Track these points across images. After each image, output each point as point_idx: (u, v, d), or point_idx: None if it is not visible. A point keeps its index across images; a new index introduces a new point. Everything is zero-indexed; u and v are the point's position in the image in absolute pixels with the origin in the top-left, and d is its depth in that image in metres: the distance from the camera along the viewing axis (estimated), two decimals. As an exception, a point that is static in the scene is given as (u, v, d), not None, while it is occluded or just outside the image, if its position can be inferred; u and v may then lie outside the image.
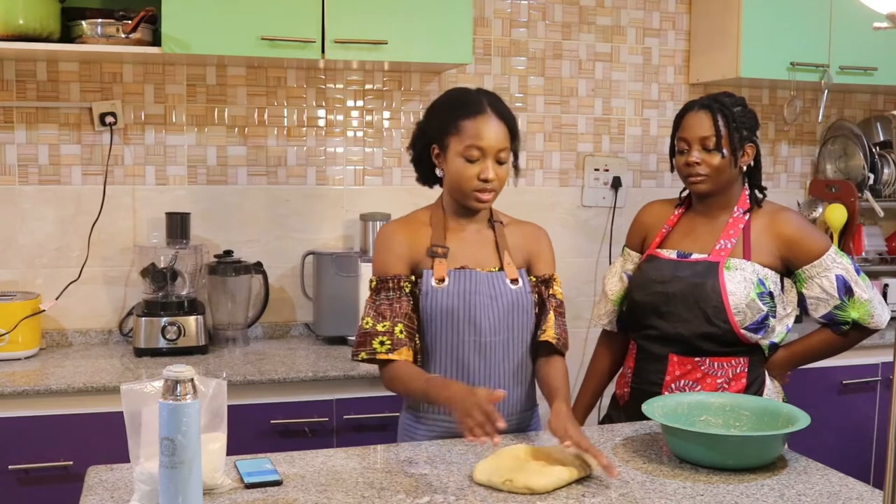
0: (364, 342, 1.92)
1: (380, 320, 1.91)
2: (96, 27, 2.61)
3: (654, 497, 1.59)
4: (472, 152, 1.89)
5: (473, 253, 1.98)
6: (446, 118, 1.94)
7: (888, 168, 3.50)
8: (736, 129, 2.14)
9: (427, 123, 2.00)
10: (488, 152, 1.89)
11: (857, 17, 2.52)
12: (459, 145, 1.90)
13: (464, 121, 1.90)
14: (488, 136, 1.89)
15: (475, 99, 1.94)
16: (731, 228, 2.17)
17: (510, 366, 1.97)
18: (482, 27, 3.23)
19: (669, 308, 2.15)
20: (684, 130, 2.19)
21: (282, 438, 2.52)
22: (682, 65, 3.48)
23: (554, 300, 2.01)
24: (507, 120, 1.93)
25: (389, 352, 1.89)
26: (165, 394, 1.39)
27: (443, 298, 1.92)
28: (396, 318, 1.91)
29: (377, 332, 1.90)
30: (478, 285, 1.94)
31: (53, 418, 2.39)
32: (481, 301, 1.93)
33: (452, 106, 1.95)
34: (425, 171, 2.03)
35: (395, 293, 1.93)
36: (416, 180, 2.06)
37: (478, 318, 1.92)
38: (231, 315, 2.89)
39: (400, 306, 1.92)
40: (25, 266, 2.87)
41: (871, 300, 2.15)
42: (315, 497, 1.57)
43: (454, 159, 1.91)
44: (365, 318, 1.93)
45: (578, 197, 3.40)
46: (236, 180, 3.03)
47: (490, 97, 1.96)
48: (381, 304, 1.93)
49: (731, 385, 2.13)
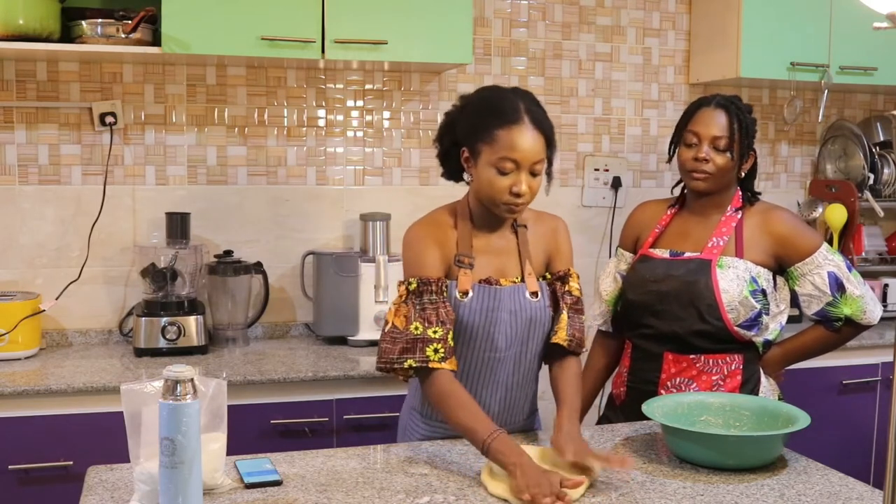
0: (413, 349, 1.78)
1: (429, 325, 1.79)
2: (96, 27, 2.61)
3: (654, 497, 1.59)
4: (505, 164, 1.77)
5: (497, 262, 1.91)
6: (479, 124, 1.81)
7: (888, 168, 3.50)
8: (745, 136, 2.15)
9: (458, 122, 1.88)
10: (523, 165, 1.78)
11: (857, 17, 2.51)
12: (492, 155, 1.78)
13: (498, 130, 1.78)
14: (523, 148, 1.77)
15: (512, 105, 1.80)
16: (724, 226, 2.17)
17: (518, 377, 1.94)
18: (482, 27, 3.23)
19: (663, 307, 2.15)
20: (697, 125, 2.16)
21: (282, 438, 2.52)
22: (682, 65, 3.48)
23: (569, 297, 1.95)
24: (543, 129, 1.80)
25: (443, 360, 1.78)
26: (165, 394, 1.39)
27: (464, 313, 1.86)
28: (447, 325, 1.80)
29: (430, 339, 1.78)
30: (501, 301, 1.87)
31: (53, 418, 2.39)
32: (501, 318, 1.87)
33: (487, 110, 1.82)
34: (451, 168, 1.94)
35: (438, 297, 1.83)
36: (441, 175, 1.97)
37: (496, 334, 1.87)
38: (231, 315, 2.89)
39: (447, 312, 1.82)
40: (25, 266, 2.87)
41: (863, 296, 2.15)
42: (315, 497, 1.57)
43: (485, 168, 1.80)
44: (413, 321, 1.80)
45: (578, 197, 3.40)
46: (236, 180, 3.03)
47: (527, 101, 1.82)
48: (426, 307, 1.81)
49: (727, 382, 2.13)
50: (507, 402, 1.94)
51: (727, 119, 2.14)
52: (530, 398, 2.01)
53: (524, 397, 1.98)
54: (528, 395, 1.99)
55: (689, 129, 2.18)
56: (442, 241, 1.89)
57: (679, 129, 2.22)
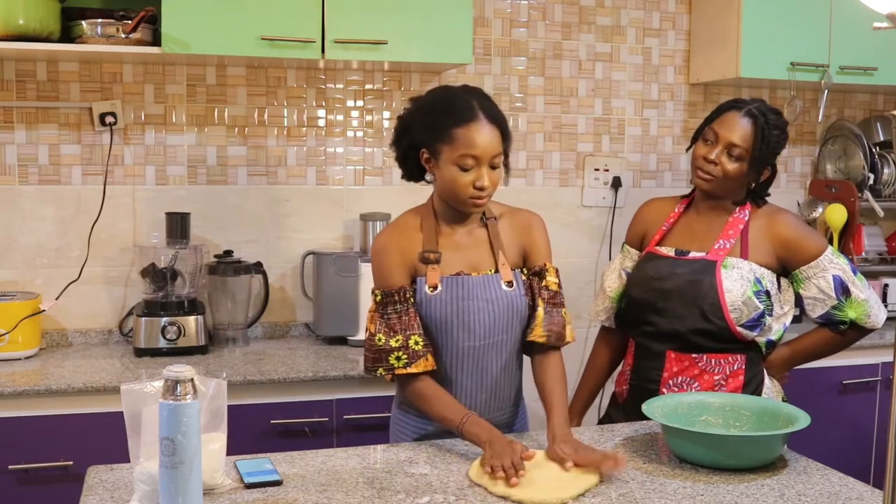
0: (379, 359, 1.90)
1: (392, 335, 1.89)
2: (96, 27, 2.61)
3: (654, 497, 1.59)
4: (466, 161, 1.84)
5: (467, 256, 1.96)
6: (436, 125, 1.87)
7: (888, 168, 3.50)
8: (765, 151, 2.11)
9: (413, 126, 1.93)
10: (483, 160, 1.84)
11: (857, 17, 2.51)
12: (452, 153, 1.84)
13: (456, 129, 1.84)
14: (482, 144, 1.83)
15: (465, 103, 1.86)
16: (731, 228, 2.17)
17: (501, 366, 1.97)
18: (482, 27, 3.23)
19: (666, 305, 2.15)
20: (720, 125, 2.14)
21: (282, 438, 2.52)
22: (682, 65, 3.48)
23: (546, 292, 1.97)
24: (498, 122, 1.87)
25: (407, 366, 1.88)
26: (165, 394, 1.39)
27: (436, 306, 1.91)
28: (408, 331, 1.89)
29: (391, 349, 1.88)
30: (472, 290, 1.92)
31: (53, 418, 2.39)
32: (476, 306, 1.92)
33: (442, 111, 1.88)
34: (411, 169, 1.98)
35: (402, 305, 1.91)
36: (402, 177, 2.02)
37: (472, 323, 1.92)
38: (231, 315, 2.89)
39: (409, 318, 1.90)
40: (25, 266, 2.87)
41: (867, 300, 2.15)
42: (315, 497, 1.57)
43: (447, 167, 1.86)
44: (377, 334, 1.91)
45: (578, 197, 3.40)
46: (236, 180, 3.03)
47: (479, 99, 1.89)
48: (391, 318, 1.90)
49: (729, 382, 2.13)
50: (493, 391, 1.98)
51: (752, 130, 2.11)
52: (516, 387, 2.04)
53: (509, 386, 2.01)
54: (513, 383, 2.03)
55: (712, 127, 2.15)
56: (405, 248, 1.95)
57: (705, 123, 2.19)
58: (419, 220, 1.99)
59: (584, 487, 1.62)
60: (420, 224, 1.98)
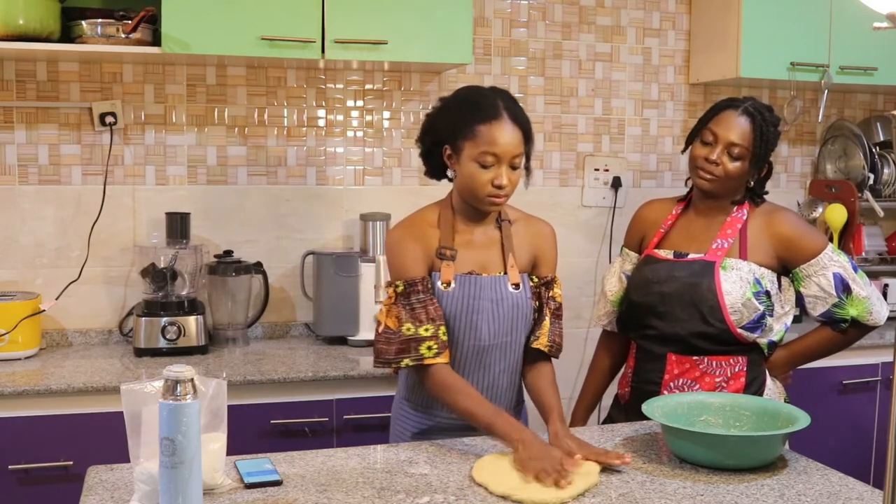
0: (407, 349, 1.87)
1: (420, 324, 1.88)
2: (96, 27, 2.61)
3: (654, 497, 1.59)
4: (486, 158, 1.85)
5: (480, 256, 1.98)
6: (460, 121, 1.89)
7: (888, 168, 3.50)
8: (764, 148, 2.12)
9: (439, 122, 1.96)
10: (503, 158, 1.86)
11: (857, 17, 2.51)
12: (474, 150, 1.86)
13: (479, 126, 1.86)
14: (504, 142, 1.85)
15: (491, 102, 1.89)
16: (729, 228, 2.17)
17: (505, 367, 1.99)
18: (482, 27, 3.23)
19: (666, 308, 2.15)
20: (718, 125, 2.14)
21: (282, 438, 2.52)
22: (682, 65, 3.48)
23: (553, 303, 2.01)
24: (521, 124, 1.89)
25: (437, 355, 1.87)
26: (165, 394, 1.39)
27: (448, 302, 1.93)
28: (437, 322, 1.89)
29: (423, 338, 1.87)
30: (481, 290, 1.94)
31: (53, 418, 2.39)
32: (483, 306, 1.93)
33: (467, 108, 1.90)
34: (434, 166, 2.00)
35: (425, 295, 1.90)
36: (424, 173, 2.04)
37: (479, 323, 1.93)
38: (231, 315, 2.89)
39: (435, 308, 1.90)
40: (25, 266, 2.87)
41: (869, 297, 2.15)
42: (315, 497, 1.57)
43: (467, 163, 1.88)
44: (405, 323, 1.88)
45: (578, 197, 3.40)
46: (236, 180, 3.03)
47: (505, 99, 1.91)
48: (415, 307, 1.89)
49: (730, 384, 2.13)
50: (494, 391, 1.99)
51: (750, 128, 2.11)
52: (517, 388, 2.05)
53: (511, 387, 2.03)
54: (514, 385, 2.04)
55: (709, 128, 2.15)
56: (422, 240, 1.96)
57: (701, 124, 2.19)
58: (436, 216, 2.00)
59: (584, 487, 1.62)
60: (437, 220, 1.99)
